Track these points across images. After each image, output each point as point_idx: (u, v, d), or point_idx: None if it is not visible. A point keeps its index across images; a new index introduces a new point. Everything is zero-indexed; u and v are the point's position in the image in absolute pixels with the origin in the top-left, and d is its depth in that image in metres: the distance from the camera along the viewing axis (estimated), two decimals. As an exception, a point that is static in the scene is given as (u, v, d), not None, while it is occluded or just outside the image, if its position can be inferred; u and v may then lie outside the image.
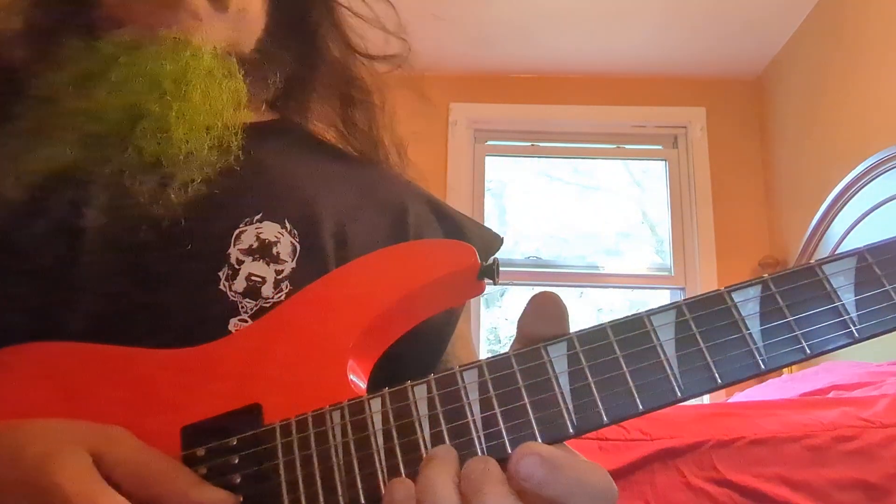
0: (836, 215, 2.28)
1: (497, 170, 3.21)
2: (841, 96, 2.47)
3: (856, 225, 2.17)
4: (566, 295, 3.09)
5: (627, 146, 3.19)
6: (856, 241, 0.92)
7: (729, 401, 2.12)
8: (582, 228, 3.16)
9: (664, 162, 3.13)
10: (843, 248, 0.61)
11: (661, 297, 3.04)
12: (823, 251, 2.32)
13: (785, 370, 2.47)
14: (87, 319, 0.53)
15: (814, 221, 2.37)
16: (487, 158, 3.16)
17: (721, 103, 3.08)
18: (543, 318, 0.42)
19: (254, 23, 0.68)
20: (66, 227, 0.54)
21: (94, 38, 0.60)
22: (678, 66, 3.05)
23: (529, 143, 3.21)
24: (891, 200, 2.02)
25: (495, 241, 0.75)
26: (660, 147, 3.16)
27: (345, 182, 0.68)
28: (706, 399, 2.66)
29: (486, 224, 1.98)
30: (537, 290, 0.45)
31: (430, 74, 2.80)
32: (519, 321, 0.43)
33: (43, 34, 0.63)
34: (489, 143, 3.18)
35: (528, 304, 0.43)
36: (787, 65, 2.88)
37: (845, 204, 2.23)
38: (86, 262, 0.54)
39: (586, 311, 3.16)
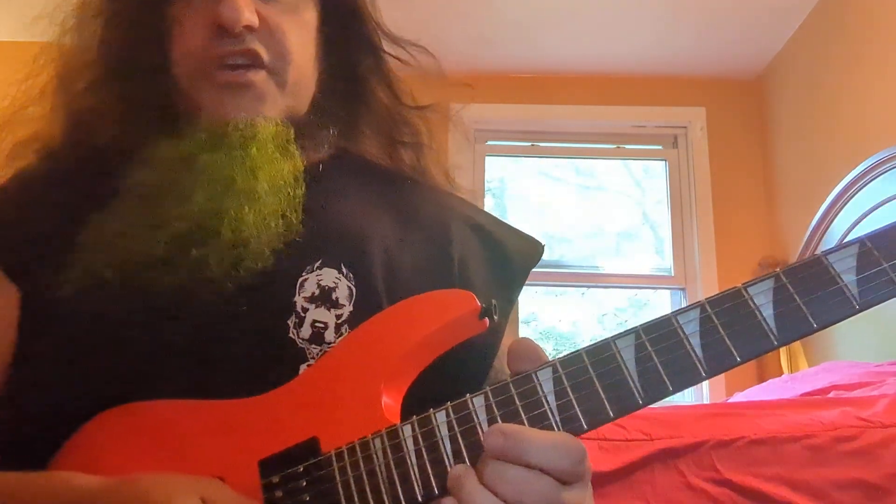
0: (837, 215, 2.28)
1: (497, 170, 3.21)
2: (841, 96, 2.47)
3: (856, 225, 2.16)
4: (568, 294, 3.10)
5: (627, 146, 3.19)
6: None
7: (729, 401, 2.12)
8: (583, 228, 3.16)
9: (664, 162, 3.13)
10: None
11: (662, 297, 3.06)
12: (823, 251, 2.31)
13: (785, 370, 2.47)
14: (175, 379, 0.60)
15: (814, 221, 2.38)
16: (487, 158, 3.16)
17: (721, 103, 3.08)
18: (522, 358, 0.53)
19: (308, 87, 0.74)
20: (152, 304, 0.61)
21: (174, 132, 0.67)
22: (678, 66, 3.05)
23: (529, 143, 3.21)
24: (891, 200, 2.01)
25: (536, 249, 0.79)
26: (660, 147, 3.16)
27: (393, 209, 0.74)
28: (706, 399, 2.66)
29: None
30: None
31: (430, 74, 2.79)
32: (507, 364, 0.54)
33: (128, 115, 0.70)
34: (489, 143, 3.18)
35: (508, 350, 0.54)
36: (787, 65, 2.88)
37: (845, 204, 2.23)
38: (168, 329, 0.61)
39: (589, 310, 3.16)
